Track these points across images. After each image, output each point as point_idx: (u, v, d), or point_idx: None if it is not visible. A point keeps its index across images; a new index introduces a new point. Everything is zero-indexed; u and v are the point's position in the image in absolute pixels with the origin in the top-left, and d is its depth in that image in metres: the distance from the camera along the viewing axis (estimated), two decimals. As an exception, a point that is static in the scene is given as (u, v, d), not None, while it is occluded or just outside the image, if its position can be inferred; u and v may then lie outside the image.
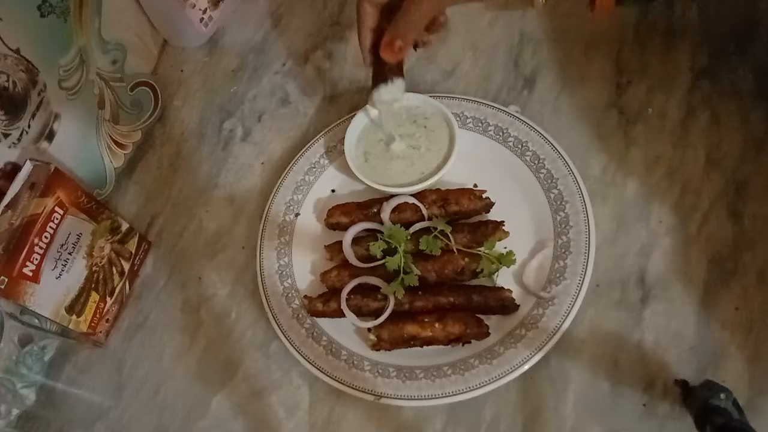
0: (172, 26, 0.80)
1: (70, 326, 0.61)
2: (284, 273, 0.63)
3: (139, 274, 0.69)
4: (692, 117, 0.63)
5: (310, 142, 0.69)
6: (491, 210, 0.61)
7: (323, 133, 0.69)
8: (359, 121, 0.66)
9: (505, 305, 0.56)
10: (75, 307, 0.61)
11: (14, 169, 0.58)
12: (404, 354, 0.57)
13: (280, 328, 0.60)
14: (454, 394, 0.53)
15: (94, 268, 0.63)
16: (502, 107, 0.66)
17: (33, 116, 0.60)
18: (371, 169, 0.64)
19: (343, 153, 0.64)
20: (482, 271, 0.58)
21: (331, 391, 0.58)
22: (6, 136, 0.58)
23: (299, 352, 0.58)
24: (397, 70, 0.57)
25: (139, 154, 0.77)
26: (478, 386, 0.53)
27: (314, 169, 0.68)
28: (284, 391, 0.59)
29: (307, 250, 0.65)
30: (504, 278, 0.59)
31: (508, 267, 0.58)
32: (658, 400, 0.52)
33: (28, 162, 0.58)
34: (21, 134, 0.59)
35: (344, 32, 0.80)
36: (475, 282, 0.59)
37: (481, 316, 0.56)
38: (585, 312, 0.55)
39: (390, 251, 0.59)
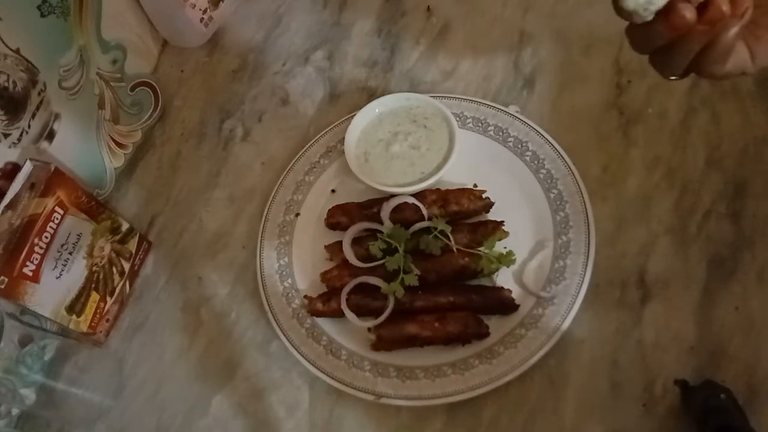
0: (172, 26, 0.80)
1: (70, 326, 0.61)
2: (284, 273, 0.63)
3: (139, 274, 0.69)
4: (692, 117, 0.63)
5: (310, 142, 0.69)
6: (491, 210, 0.61)
7: (323, 133, 0.69)
8: (359, 121, 0.66)
9: (505, 305, 0.56)
10: (75, 307, 0.61)
11: (14, 169, 0.58)
12: (404, 354, 0.57)
13: (280, 328, 0.60)
14: (454, 394, 0.53)
15: (94, 268, 0.63)
16: (502, 107, 0.66)
17: (33, 116, 0.60)
18: (371, 169, 0.64)
19: (343, 153, 0.64)
20: (482, 271, 0.58)
21: (331, 391, 0.57)
22: (6, 136, 0.58)
23: (299, 352, 0.58)
24: None
25: (139, 154, 0.77)
26: (478, 386, 0.53)
27: (314, 169, 0.68)
28: (284, 391, 0.59)
29: (307, 250, 0.65)
30: (504, 278, 0.59)
31: (508, 267, 0.58)
32: (658, 400, 0.52)
33: (28, 162, 0.58)
34: (21, 134, 0.59)
35: (344, 32, 0.80)
36: (475, 282, 0.59)
37: (481, 316, 0.56)
38: (585, 312, 0.55)
39: (390, 251, 0.59)
